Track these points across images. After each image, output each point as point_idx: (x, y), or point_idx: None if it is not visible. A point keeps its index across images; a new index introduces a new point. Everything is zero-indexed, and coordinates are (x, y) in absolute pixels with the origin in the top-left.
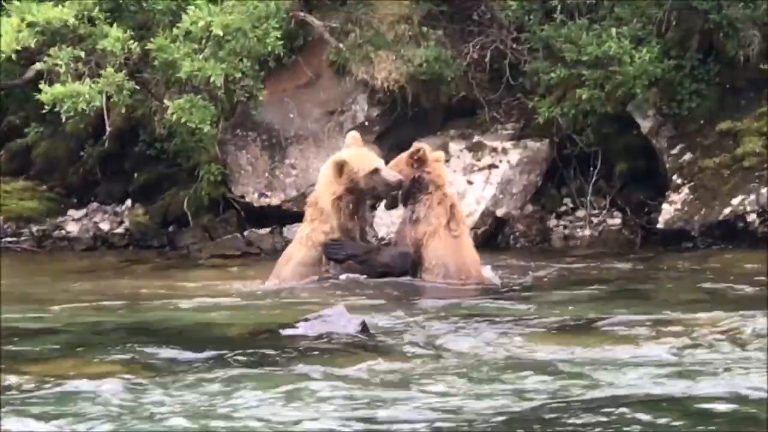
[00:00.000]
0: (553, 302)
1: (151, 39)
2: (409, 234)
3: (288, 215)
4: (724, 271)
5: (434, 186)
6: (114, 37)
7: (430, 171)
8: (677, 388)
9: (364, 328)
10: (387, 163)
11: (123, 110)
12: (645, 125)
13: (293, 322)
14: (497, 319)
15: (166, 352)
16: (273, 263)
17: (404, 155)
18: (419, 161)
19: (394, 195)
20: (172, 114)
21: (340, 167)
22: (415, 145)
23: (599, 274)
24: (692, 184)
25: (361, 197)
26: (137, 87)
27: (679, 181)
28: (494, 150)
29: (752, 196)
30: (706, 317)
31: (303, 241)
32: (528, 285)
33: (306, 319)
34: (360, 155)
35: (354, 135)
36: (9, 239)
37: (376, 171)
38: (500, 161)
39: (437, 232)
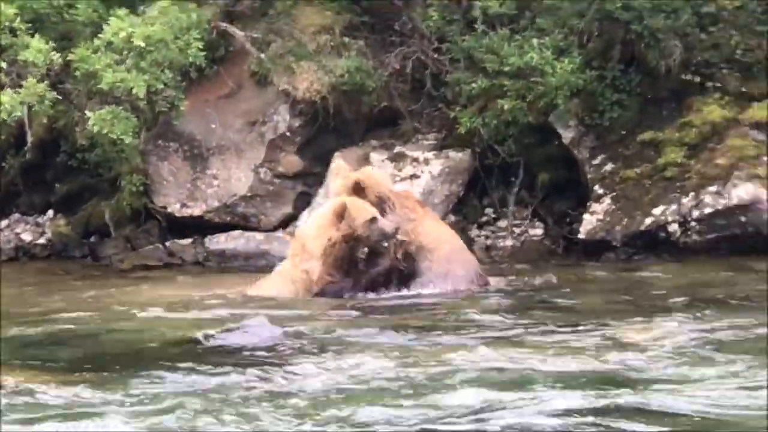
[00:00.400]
0: (472, 313)
1: (73, 50)
2: None
3: (210, 225)
4: (644, 282)
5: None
6: (35, 48)
7: None
8: (589, 400)
9: (284, 338)
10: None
11: (44, 121)
12: (567, 136)
13: (216, 332)
14: (421, 329)
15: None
16: (195, 273)
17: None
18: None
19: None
20: (94, 125)
21: (341, 212)
22: None
23: (520, 284)
24: (614, 194)
25: (355, 246)
26: (59, 98)
27: (600, 191)
28: (416, 160)
29: (673, 206)
30: (625, 325)
31: (281, 276)
32: (448, 296)
33: (228, 329)
34: (358, 203)
35: (341, 165)
36: None
37: (374, 220)
38: (422, 171)
39: None
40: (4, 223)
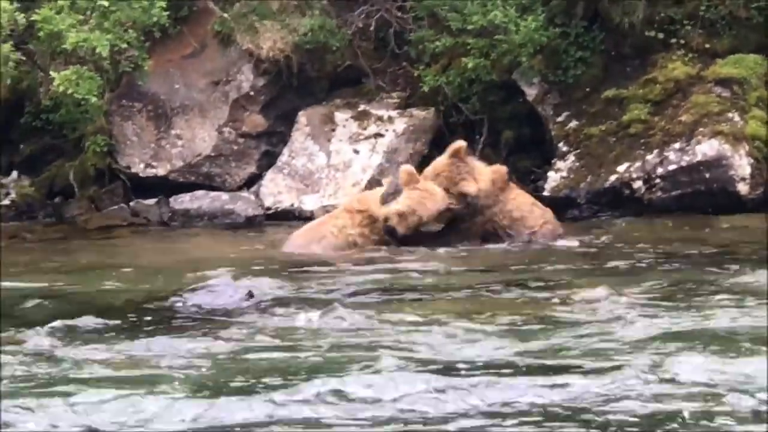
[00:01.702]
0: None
1: (37, 10)
2: None
3: (174, 185)
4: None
5: None
6: None
7: None
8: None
9: (250, 297)
10: None
11: (8, 82)
12: (530, 93)
13: (181, 291)
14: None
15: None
16: (161, 233)
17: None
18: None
19: None
20: (58, 85)
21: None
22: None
23: None
24: (578, 151)
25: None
26: (23, 58)
27: (565, 148)
28: (380, 119)
29: (638, 163)
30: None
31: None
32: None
33: (192, 290)
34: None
35: (408, 170)
36: None
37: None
38: (386, 130)
39: None
40: None
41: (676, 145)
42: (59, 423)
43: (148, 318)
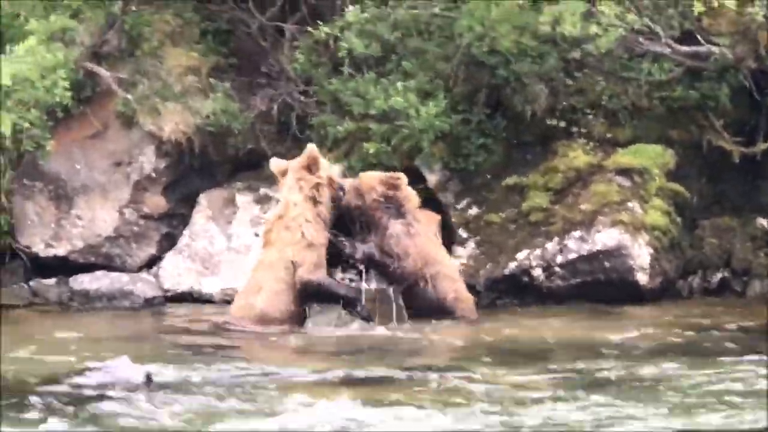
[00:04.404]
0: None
1: None
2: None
3: (75, 266)
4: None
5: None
6: None
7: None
8: None
9: (149, 379)
10: None
11: None
12: (432, 179)
13: (76, 371)
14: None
15: None
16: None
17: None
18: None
19: None
20: None
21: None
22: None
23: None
24: (478, 238)
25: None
26: None
27: (465, 235)
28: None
29: (537, 251)
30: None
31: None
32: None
33: (88, 369)
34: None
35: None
36: None
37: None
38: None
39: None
40: None
41: (576, 234)
42: None
43: (41, 400)
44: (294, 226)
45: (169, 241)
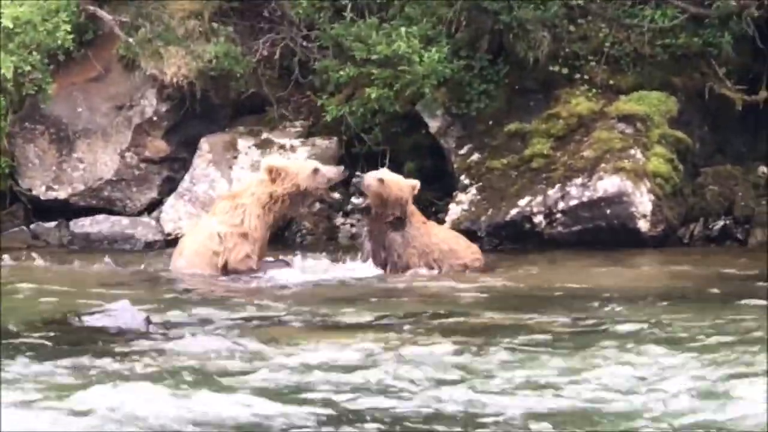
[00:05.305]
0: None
1: None
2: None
3: (75, 209)
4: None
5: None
6: None
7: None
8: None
9: (148, 323)
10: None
11: None
12: (433, 125)
13: (79, 314)
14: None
15: None
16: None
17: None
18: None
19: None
20: None
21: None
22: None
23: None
24: (480, 184)
25: (299, 199)
26: None
27: (466, 181)
28: (282, 147)
29: (539, 198)
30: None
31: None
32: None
33: (90, 313)
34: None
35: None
36: None
37: (316, 170)
38: (288, 158)
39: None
40: None
41: (578, 181)
42: None
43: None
44: (238, 211)
45: (170, 185)
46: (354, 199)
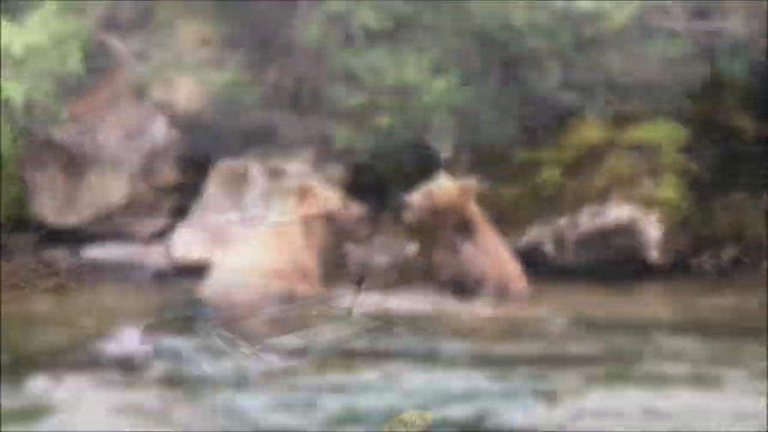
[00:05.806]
0: None
1: None
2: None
3: (86, 235)
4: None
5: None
6: None
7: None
8: None
9: (156, 350)
10: None
11: None
12: (443, 153)
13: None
14: None
15: None
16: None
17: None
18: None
19: None
20: None
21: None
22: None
23: None
24: (490, 212)
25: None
26: None
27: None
28: (292, 174)
29: (549, 226)
30: None
31: None
32: None
33: (98, 340)
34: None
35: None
36: None
37: None
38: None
39: None
40: None
41: (588, 209)
42: None
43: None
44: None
45: (180, 213)
46: None
